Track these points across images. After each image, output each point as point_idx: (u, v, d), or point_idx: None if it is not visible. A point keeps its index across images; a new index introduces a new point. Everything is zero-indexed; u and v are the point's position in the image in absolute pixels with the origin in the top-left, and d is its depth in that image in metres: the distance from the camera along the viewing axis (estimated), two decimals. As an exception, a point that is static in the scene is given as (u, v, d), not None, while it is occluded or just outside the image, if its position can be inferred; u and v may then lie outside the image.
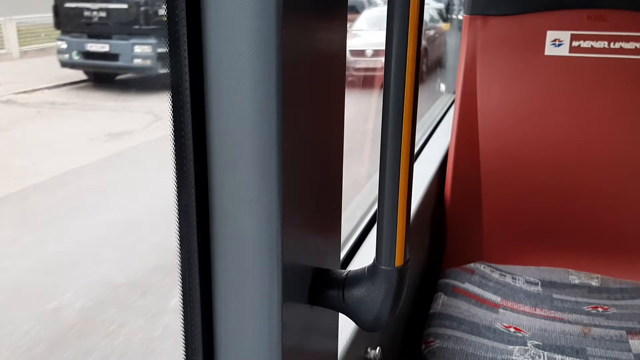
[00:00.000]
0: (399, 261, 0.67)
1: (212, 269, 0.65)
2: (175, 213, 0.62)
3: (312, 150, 0.68)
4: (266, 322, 0.64)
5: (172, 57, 0.57)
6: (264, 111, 0.57)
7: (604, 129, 2.15)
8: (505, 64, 2.20)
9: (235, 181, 0.61)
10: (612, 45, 2.08)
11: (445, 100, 3.41)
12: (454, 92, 2.79)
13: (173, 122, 0.59)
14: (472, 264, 2.12)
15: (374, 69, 7.46)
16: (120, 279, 2.93)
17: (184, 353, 0.68)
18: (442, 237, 2.37)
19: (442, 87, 3.91)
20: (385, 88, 0.61)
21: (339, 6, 0.71)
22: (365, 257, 1.40)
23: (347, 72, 0.77)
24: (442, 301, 1.87)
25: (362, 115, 5.44)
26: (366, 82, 7.53)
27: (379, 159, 0.64)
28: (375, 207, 1.61)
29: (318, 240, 0.75)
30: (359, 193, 2.40)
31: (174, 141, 0.60)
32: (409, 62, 0.60)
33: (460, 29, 2.41)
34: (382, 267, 0.67)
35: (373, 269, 0.69)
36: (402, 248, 0.67)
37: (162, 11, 0.58)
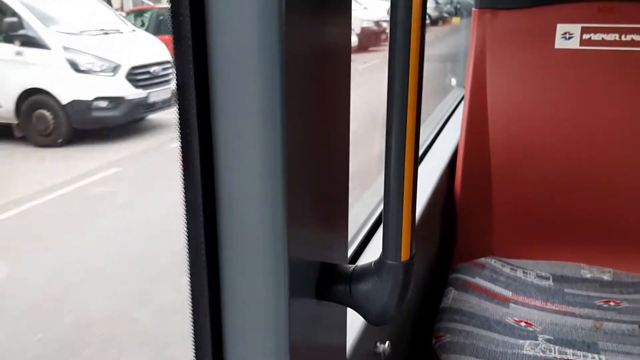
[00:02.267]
0: (405, 256, 0.67)
1: (219, 264, 0.66)
2: (183, 209, 0.63)
3: (317, 145, 0.68)
4: (273, 317, 0.65)
5: (177, 55, 0.58)
6: (268, 107, 0.58)
7: (615, 122, 2.14)
8: (515, 58, 2.19)
9: (241, 177, 0.61)
10: (623, 38, 2.06)
11: (456, 95, 3.40)
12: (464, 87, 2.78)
13: (179, 119, 0.60)
14: (482, 259, 2.11)
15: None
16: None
17: (194, 347, 0.68)
18: (452, 232, 2.36)
19: (453, 81, 3.90)
20: (390, 82, 0.61)
21: (343, 1, 0.71)
22: (373, 253, 1.40)
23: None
24: (452, 296, 1.86)
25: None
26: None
27: (384, 155, 0.64)
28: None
29: (325, 235, 0.75)
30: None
31: (180, 138, 0.60)
32: (413, 55, 0.60)
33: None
34: (389, 261, 0.68)
35: (380, 263, 0.69)
36: (408, 243, 0.67)
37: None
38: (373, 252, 1.40)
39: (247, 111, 0.59)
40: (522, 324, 1.75)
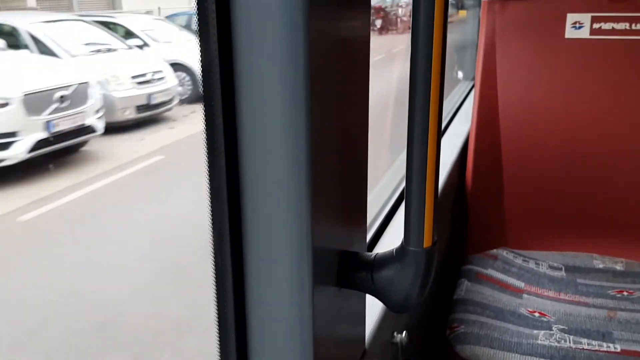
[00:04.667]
0: (427, 242, 0.68)
1: (243, 253, 0.66)
2: (208, 198, 0.64)
3: (338, 135, 0.69)
4: (297, 305, 0.66)
5: (202, 47, 0.59)
6: (292, 98, 0.58)
7: (627, 111, 2.13)
8: (525, 48, 2.18)
9: (265, 166, 0.62)
10: (633, 27, 2.05)
11: (463, 88, 3.39)
12: (472, 79, 2.78)
13: (204, 109, 0.61)
14: (495, 250, 2.11)
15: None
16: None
17: (218, 335, 0.69)
18: (464, 223, 2.36)
19: (460, 74, 3.88)
20: (412, 70, 0.62)
21: None
22: (390, 241, 1.40)
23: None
24: (465, 287, 1.87)
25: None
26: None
27: (407, 141, 0.64)
28: (398, 192, 1.60)
29: (345, 224, 0.76)
30: None
31: (206, 127, 0.61)
32: (435, 49, 0.61)
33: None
34: (411, 248, 0.68)
35: (402, 250, 0.70)
36: (430, 229, 0.67)
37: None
38: (390, 240, 1.41)
39: (272, 102, 0.59)
40: (536, 314, 1.75)
